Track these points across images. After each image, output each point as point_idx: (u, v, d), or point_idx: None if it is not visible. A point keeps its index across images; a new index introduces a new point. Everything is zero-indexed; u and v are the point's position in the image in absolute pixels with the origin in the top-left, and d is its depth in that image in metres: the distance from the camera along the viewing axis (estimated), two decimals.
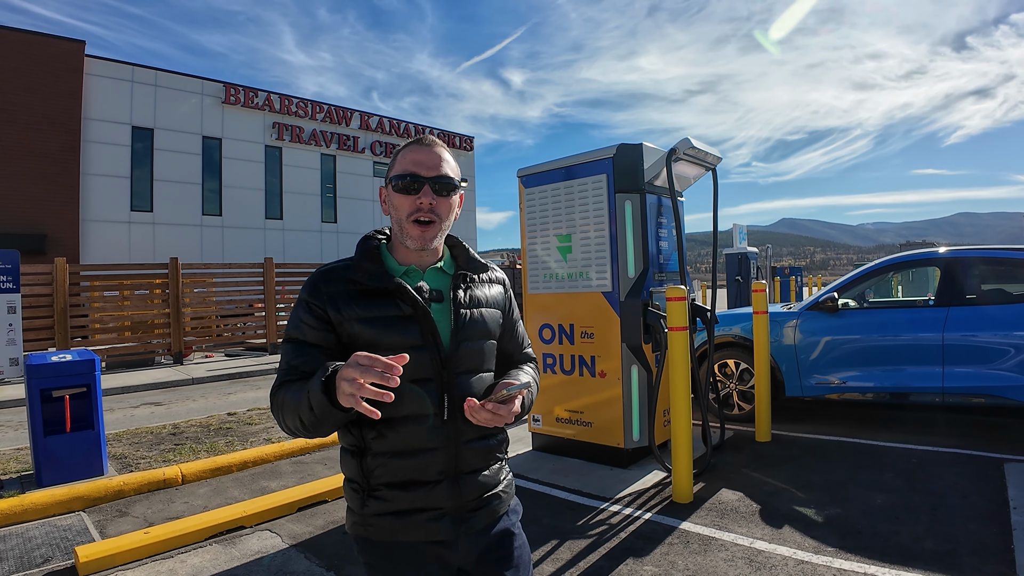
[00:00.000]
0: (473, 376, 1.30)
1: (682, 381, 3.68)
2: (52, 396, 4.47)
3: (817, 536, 3.18)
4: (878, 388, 4.99)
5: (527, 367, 1.47)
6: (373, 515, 1.24)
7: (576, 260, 4.58)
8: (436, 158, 1.29)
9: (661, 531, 3.33)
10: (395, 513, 1.23)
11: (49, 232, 15.66)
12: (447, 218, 1.31)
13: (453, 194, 1.31)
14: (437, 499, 1.24)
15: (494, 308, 1.39)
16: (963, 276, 4.90)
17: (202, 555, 3.36)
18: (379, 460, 1.23)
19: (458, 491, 1.26)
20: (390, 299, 1.25)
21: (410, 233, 1.28)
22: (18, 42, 15.46)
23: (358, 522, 1.27)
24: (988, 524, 3.23)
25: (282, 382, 1.23)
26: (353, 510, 1.28)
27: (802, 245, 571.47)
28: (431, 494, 1.24)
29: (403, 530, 1.24)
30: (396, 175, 1.28)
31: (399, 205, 1.28)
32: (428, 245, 1.29)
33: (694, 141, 4.20)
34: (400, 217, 1.28)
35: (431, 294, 1.29)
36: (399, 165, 1.30)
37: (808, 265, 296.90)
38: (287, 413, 1.17)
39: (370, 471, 1.24)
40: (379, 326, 1.23)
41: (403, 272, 1.30)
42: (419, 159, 1.28)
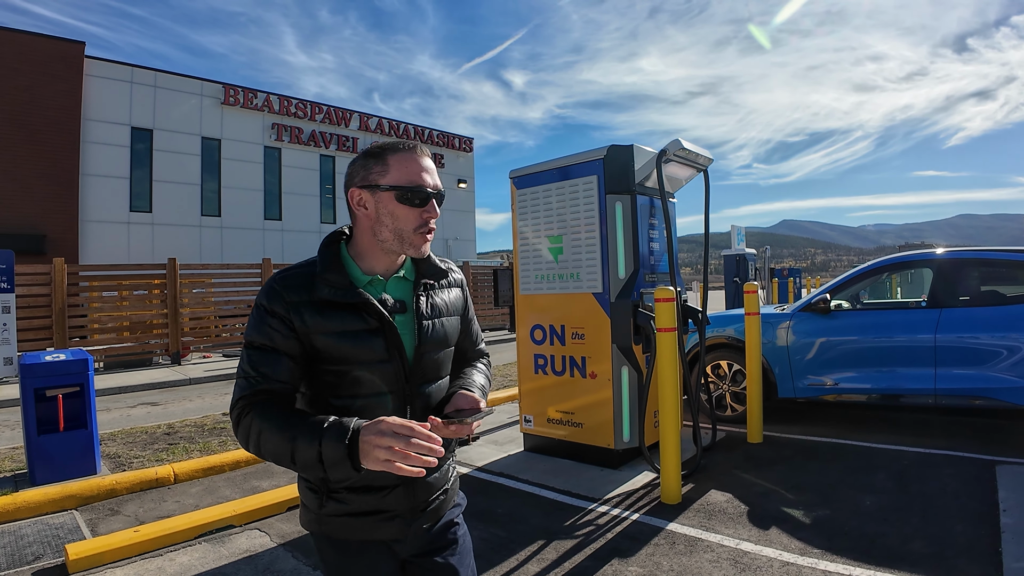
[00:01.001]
0: (433, 385, 1.33)
1: (670, 382, 3.68)
2: (46, 395, 4.49)
3: (804, 537, 3.18)
4: (871, 390, 4.99)
5: (480, 364, 1.51)
6: (329, 515, 1.27)
7: (567, 261, 4.59)
8: (433, 169, 1.29)
9: (648, 532, 3.33)
10: (350, 515, 1.26)
11: (48, 232, 15.68)
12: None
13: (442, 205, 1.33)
14: (391, 503, 1.27)
15: (454, 315, 1.41)
16: (956, 277, 4.91)
17: (191, 554, 3.37)
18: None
19: (412, 494, 1.29)
20: (356, 312, 1.23)
21: (415, 243, 1.27)
22: (18, 43, 15.49)
23: (313, 520, 1.30)
24: (977, 526, 3.23)
25: (252, 400, 1.18)
26: (309, 508, 1.30)
27: (803, 247, 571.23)
28: (386, 498, 1.27)
29: (357, 530, 1.28)
30: (402, 186, 1.23)
31: (403, 216, 1.24)
32: (424, 255, 1.32)
33: (684, 142, 4.21)
34: (402, 227, 1.25)
35: (395, 305, 1.29)
36: (399, 173, 1.24)
37: (809, 267, 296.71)
38: (267, 441, 1.12)
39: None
40: (345, 340, 1.22)
41: (367, 282, 1.28)
42: (424, 170, 1.26)
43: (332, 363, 1.22)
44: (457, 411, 1.26)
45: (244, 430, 1.15)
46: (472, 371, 1.46)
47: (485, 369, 1.50)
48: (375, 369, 1.24)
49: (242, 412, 1.17)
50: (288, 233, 21.28)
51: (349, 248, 1.32)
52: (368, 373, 1.23)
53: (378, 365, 1.24)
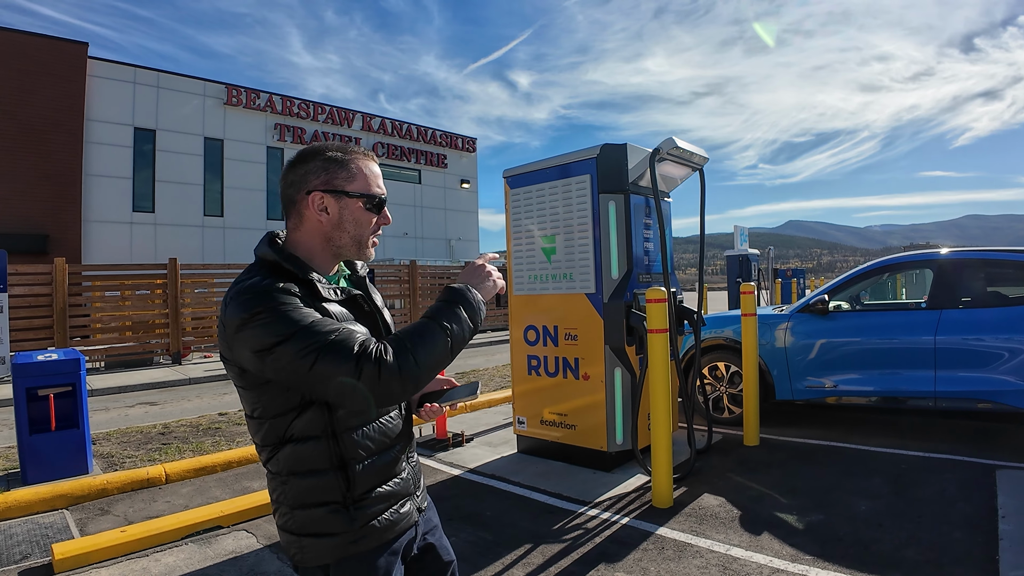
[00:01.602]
0: None
1: (662, 384, 3.63)
2: (38, 395, 4.48)
3: (796, 543, 3.12)
4: (869, 392, 4.93)
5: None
6: (363, 525, 1.21)
7: (560, 261, 4.55)
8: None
9: (637, 536, 3.28)
10: (381, 514, 1.24)
11: (52, 232, 15.76)
12: None
13: None
14: (405, 485, 1.31)
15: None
16: (956, 278, 4.83)
17: (177, 554, 3.35)
18: (364, 467, 1.21)
19: (413, 472, 1.35)
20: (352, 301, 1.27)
21: (368, 248, 1.30)
22: (21, 44, 15.58)
23: (342, 542, 1.20)
24: (974, 532, 3.16)
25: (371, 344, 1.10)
26: (334, 533, 1.19)
27: (809, 247, 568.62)
28: (402, 483, 1.30)
29: (391, 527, 1.25)
30: (366, 193, 1.25)
31: (364, 222, 1.26)
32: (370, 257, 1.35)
33: (678, 141, 4.16)
34: (362, 234, 1.27)
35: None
36: (365, 181, 1.25)
37: (815, 267, 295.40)
38: (425, 342, 1.12)
39: (354, 482, 1.20)
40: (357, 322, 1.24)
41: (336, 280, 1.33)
42: (377, 176, 1.29)
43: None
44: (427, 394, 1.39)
45: (391, 364, 1.07)
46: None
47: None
48: None
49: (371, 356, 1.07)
50: None
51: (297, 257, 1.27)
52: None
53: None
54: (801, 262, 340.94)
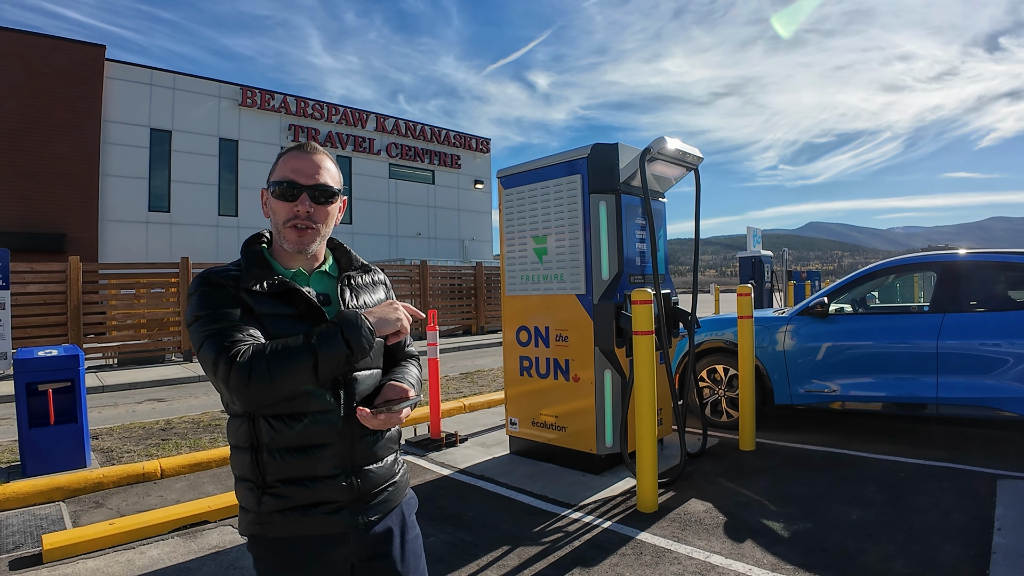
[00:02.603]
0: (365, 372, 1.34)
1: (647, 387, 3.59)
2: (37, 390, 4.57)
3: (778, 552, 3.06)
4: (869, 398, 4.82)
5: (410, 365, 1.51)
6: (270, 512, 1.24)
7: (551, 262, 4.52)
8: (315, 166, 1.31)
9: (616, 541, 3.24)
10: (292, 508, 1.24)
11: (69, 231, 16.10)
12: (326, 225, 1.34)
13: (332, 202, 1.34)
14: (334, 493, 1.26)
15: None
16: (960, 281, 4.70)
17: (161, 547, 3.39)
18: (275, 456, 1.23)
19: (355, 484, 1.29)
20: (285, 300, 1.28)
21: (287, 237, 1.30)
22: (40, 46, 15.96)
23: (253, 520, 1.27)
24: (967, 545, 3.07)
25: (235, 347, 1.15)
26: (248, 509, 1.27)
27: (830, 249, 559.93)
28: (328, 488, 1.26)
29: (300, 525, 1.25)
30: (274, 181, 1.30)
31: (277, 211, 1.30)
32: (305, 249, 1.31)
33: (670, 140, 4.11)
34: (278, 222, 1.31)
35: (319, 298, 1.32)
36: (278, 171, 1.31)
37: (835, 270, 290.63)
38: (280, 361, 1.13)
39: (265, 468, 1.24)
40: (277, 324, 1.24)
41: (291, 276, 1.33)
42: (299, 167, 1.30)
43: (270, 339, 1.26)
44: (386, 402, 1.29)
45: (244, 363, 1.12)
46: (403, 368, 1.47)
47: (415, 369, 1.51)
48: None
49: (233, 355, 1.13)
50: None
51: (270, 249, 1.38)
52: None
53: None
54: (821, 264, 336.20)
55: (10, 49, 15.44)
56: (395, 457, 1.42)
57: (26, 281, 10.03)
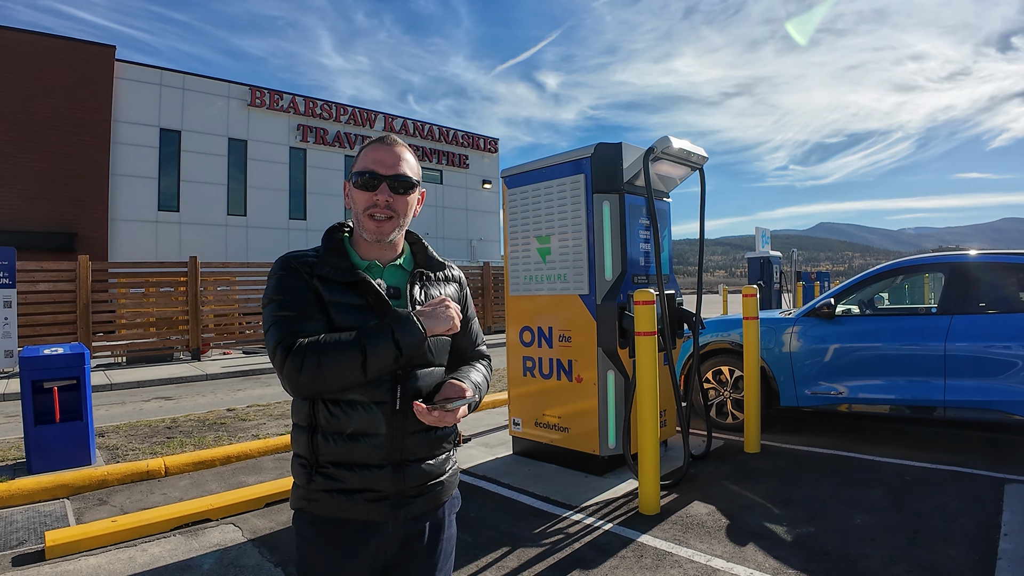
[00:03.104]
0: (425, 370, 1.36)
1: (650, 388, 3.56)
2: (43, 388, 4.60)
3: (781, 556, 3.03)
4: (876, 400, 4.77)
5: (479, 364, 1.52)
6: (317, 490, 1.30)
7: (555, 262, 4.51)
8: (395, 157, 1.35)
9: (617, 543, 3.22)
10: (338, 491, 1.29)
11: (79, 231, 16.26)
12: (404, 215, 1.37)
13: (411, 192, 1.37)
14: (379, 482, 1.30)
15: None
16: (968, 282, 4.64)
17: (163, 545, 3.40)
18: (328, 439, 1.29)
19: (400, 477, 1.31)
20: (353, 289, 1.32)
21: (366, 226, 1.35)
22: (51, 47, 16.12)
23: (302, 496, 1.33)
24: (971, 551, 3.02)
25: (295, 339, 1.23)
26: (299, 484, 1.34)
27: (840, 250, 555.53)
28: (374, 477, 1.29)
29: (342, 507, 1.30)
30: (356, 172, 1.36)
31: (357, 200, 1.35)
32: (384, 238, 1.35)
33: (674, 140, 4.08)
34: (358, 211, 1.35)
35: (388, 291, 1.36)
36: (360, 162, 1.36)
37: (846, 270, 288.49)
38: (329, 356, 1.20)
39: (318, 448, 1.29)
40: (345, 312, 1.30)
41: (365, 267, 1.37)
42: (379, 158, 1.34)
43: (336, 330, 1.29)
44: (444, 399, 1.29)
45: (298, 356, 1.19)
46: (469, 368, 1.48)
47: (483, 369, 1.52)
48: None
49: (290, 346, 1.22)
50: (312, 233, 21.62)
51: (351, 239, 1.43)
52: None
53: None
54: (832, 265, 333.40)
55: (21, 49, 15.61)
56: (446, 456, 1.42)
57: (36, 280, 10.13)
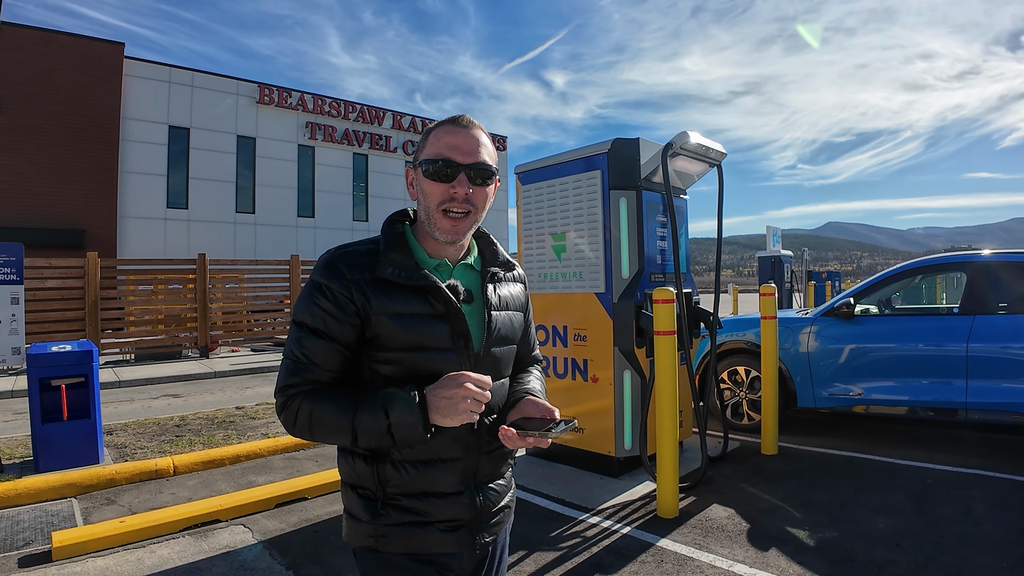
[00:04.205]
0: (496, 382, 1.21)
1: (669, 389, 3.48)
2: (51, 385, 4.57)
3: (804, 562, 2.94)
4: (895, 401, 4.67)
5: (535, 371, 1.40)
6: (387, 525, 1.15)
7: (570, 260, 4.42)
8: (474, 142, 1.16)
9: (636, 547, 3.14)
10: (412, 524, 1.15)
11: (88, 228, 16.30)
12: (482, 209, 1.19)
13: (490, 183, 1.19)
14: (456, 510, 1.18)
15: (518, 310, 1.32)
16: (991, 282, 4.53)
17: (172, 546, 3.35)
18: (399, 468, 1.14)
19: (478, 502, 1.20)
20: (421, 296, 1.14)
21: (439, 225, 1.15)
22: (61, 44, 16.16)
23: (367, 532, 1.17)
24: (998, 557, 2.93)
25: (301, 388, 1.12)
26: (361, 520, 1.17)
27: (849, 250, 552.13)
28: (451, 504, 1.17)
29: (419, 541, 1.16)
30: (428, 159, 1.15)
31: (430, 192, 1.15)
32: (459, 239, 1.17)
33: (693, 135, 3.99)
34: (429, 205, 1.16)
35: (464, 294, 1.19)
36: (431, 147, 1.16)
37: (855, 270, 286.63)
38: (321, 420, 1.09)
39: (387, 479, 1.15)
40: (409, 324, 1.12)
41: (434, 266, 1.20)
42: (455, 143, 1.15)
43: (391, 350, 1.13)
44: (526, 419, 1.16)
45: (291, 413, 1.10)
46: (530, 377, 1.35)
47: (541, 376, 1.40)
48: (438, 359, 1.14)
49: (290, 398, 1.11)
50: (320, 230, 21.62)
51: (413, 230, 1.23)
52: (429, 363, 1.13)
53: (441, 354, 1.14)
54: (840, 264, 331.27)
55: (31, 47, 15.65)
56: (511, 473, 1.33)
57: (45, 276, 10.13)
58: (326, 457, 5.00)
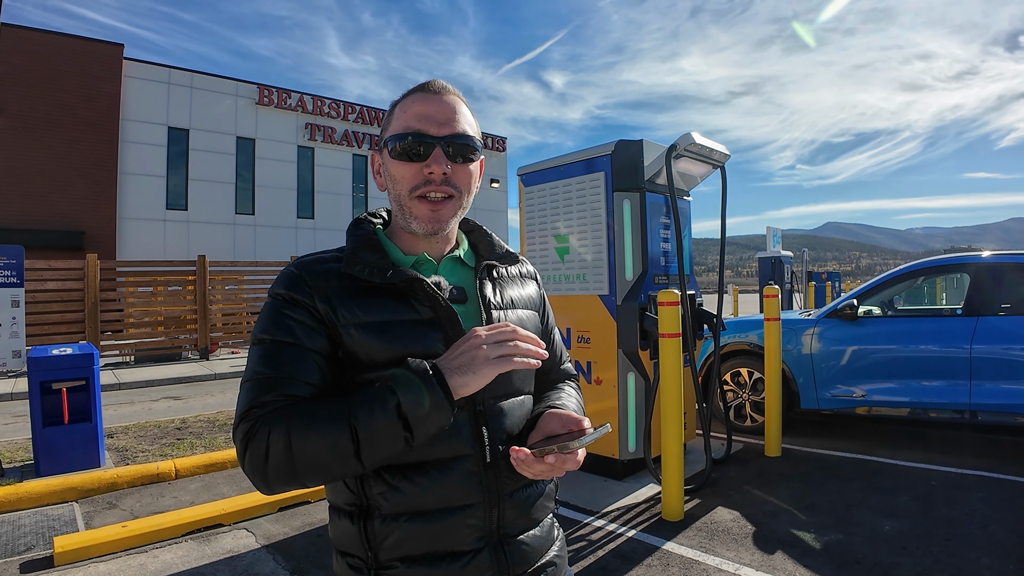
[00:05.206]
0: (511, 400, 0.98)
1: (674, 391, 3.47)
2: (52, 388, 4.55)
3: (811, 564, 2.93)
4: (898, 403, 4.66)
5: (567, 388, 1.12)
6: None
7: (573, 261, 4.41)
8: (449, 109, 0.93)
9: (642, 551, 3.13)
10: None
11: (88, 229, 16.26)
12: (467, 192, 0.96)
13: (473, 159, 0.96)
14: (471, 569, 0.90)
15: (531, 310, 1.07)
16: (995, 283, 4.53)
17: (175, 551, 3.33)
18: (392, 525, 0.88)
19: (504, 561, 0.93)
20: (401, 299, 0.92)
21: (415, 213, 0.93)
22: (60, 45, 16.13)
23: None
24: (1005, 559, 2.92)
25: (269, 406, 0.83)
26: None
27: (848, 250, 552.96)
28: (467, 568, 0.90)
29: None
30: (395, 135, 0.93)
31: (400, 176, 0.93)
32: (441, 228, 0.95)
33: (696, 137, 3.98)
34: (400, 192, 0.94)
35: (453, 292, 0.97)
36: (398, 120, 0.94)
37: (854, 271, 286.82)
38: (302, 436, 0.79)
39: (378, 541, 0.89)
40: (390, 335, 0.89)
41: (412, 264, 0.97)
42: (427, 111, 0.92)
43: (370, 369, 0.89)
44: (548, 439, 0.92)
45: (261, 441, 0.80)
46: (559, 394, 1.08)
47: (576, 394, 1.12)
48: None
49: (257, 422, 0.81)
50: (320, 231, 21.58)
51: (386, 232, 1.03)
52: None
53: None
54: (839, 265, 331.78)
55: (30, 48, 15.61)
56: (552, 521, 1.03)
57: (44, 279, 10.10)
58: None
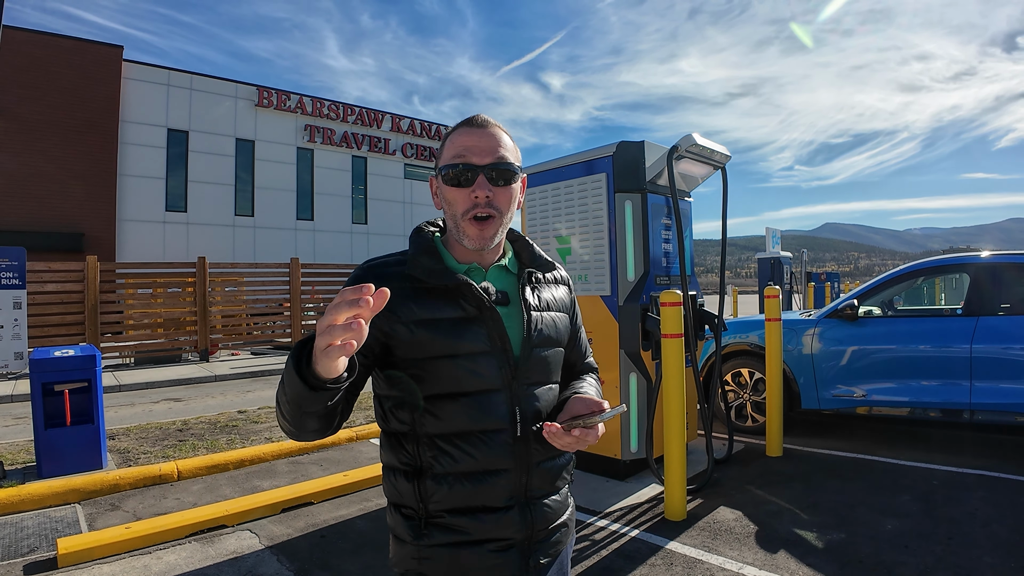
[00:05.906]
0: (543, 388, 1.16)
1: (676, 391, 3.48)
2: (54, 390, 4.54)
3: (814, 564, 2.94)
4: (899, 403, 4.67)
5: (590, 378, 1.32)
6: (432, 546, 1.09)
7: (575, 263, 4.43)
8: (491, 140, 1.11)
9: (645, 550, 3.14)
10: (458, 544, 1.08)
11: (87, 231, 16.25)
12: (507, 211, 1.13)
13: (513, 182, 1.13)
14: (506, 528, 1.10)
15: (562, 312, 1.26)
16: (995, 283, 4.54)
17: (179, 552, 3.33)
18: (442, 483, 1.08)
19: (529, 518, 1.12)
20: (452, 299, 1.10)
21: (467, 232, 1.11)
22: (59, 47, 16.13)
23: (411, 555, 1.11)
24: (1007, 558, 2.94)
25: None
26: (405, 541, 1.11)
27: (846, 250, 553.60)
28: (500, 522, 1.09)
29: (466, 563, 1.09)
30: (446, 164, 1.12)
31: (453, 200, 1.11)
32: (488, 244, 1.12)
33: (698, 138, 3.99)
34: (456, 214, 1.12)
35: (497, 296, 1.14)
36: (448, 152, 1.13)
37: (852, 271, 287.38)
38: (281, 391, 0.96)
39: (429, 495, 1.08)
40: (440, 329, 1.07)
41: (464, 271, 1.15)
42: (471, 144, 1.10)
43: (420, 359, 1.07)
44: (573, 418, 1.08)
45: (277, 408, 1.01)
46: (582, 383, 1.28)
47: (596, 383, 1.32)
48: (476, 362, 1.08)
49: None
50: (320, 233, 21.59)
51: (443, 239, 1.21)
52: (467, 369, 1.08)
53: (479, 358, 1.09)
54: (838, 265, 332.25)
55: (29, 50, 15.62)
56: (567, 489, 1.24)
57: (44, 280, 10.10)
58: (331, 461, 4.99)
